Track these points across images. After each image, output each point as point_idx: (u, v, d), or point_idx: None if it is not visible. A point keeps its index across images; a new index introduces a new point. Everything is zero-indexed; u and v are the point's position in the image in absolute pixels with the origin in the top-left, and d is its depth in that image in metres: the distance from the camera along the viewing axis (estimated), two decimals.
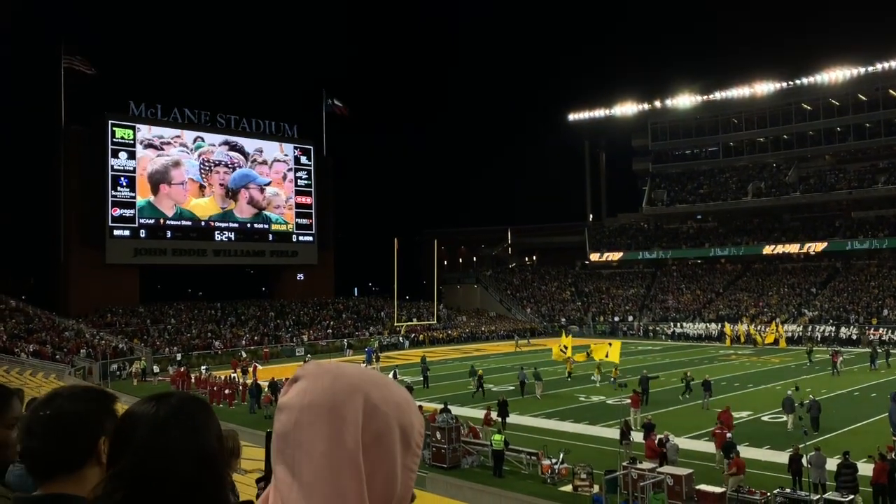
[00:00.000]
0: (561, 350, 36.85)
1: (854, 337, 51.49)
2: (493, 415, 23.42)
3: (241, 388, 31.93)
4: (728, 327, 55.89)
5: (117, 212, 55.54)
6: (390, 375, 23.27)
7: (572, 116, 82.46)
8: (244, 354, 46.90)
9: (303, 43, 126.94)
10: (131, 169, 56.57)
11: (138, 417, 1.28)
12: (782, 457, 18.23)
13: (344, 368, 0.96)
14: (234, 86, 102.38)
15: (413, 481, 0.99)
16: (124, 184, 56.14)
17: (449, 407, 22.62)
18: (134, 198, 56.47)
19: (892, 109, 67.03)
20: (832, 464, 16.30)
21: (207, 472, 1.26)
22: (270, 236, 64.61)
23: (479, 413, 24.42)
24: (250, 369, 38.04)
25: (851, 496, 14.72)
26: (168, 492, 1.22)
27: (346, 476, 0.89)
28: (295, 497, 0.88)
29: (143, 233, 56.79)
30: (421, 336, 59.88)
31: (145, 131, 57.43)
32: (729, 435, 18.86)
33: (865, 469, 15.80)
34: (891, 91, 66.90)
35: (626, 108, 79.21)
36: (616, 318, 67.52)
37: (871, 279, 61.91)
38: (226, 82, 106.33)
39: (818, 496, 15.10)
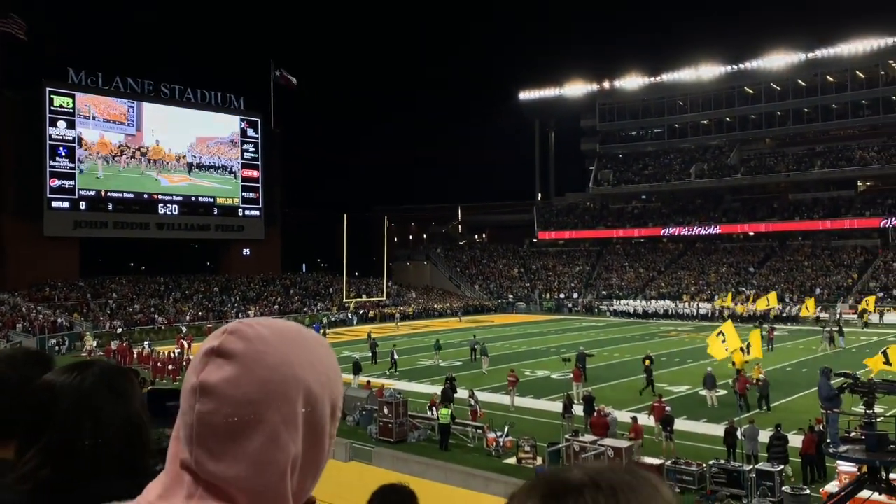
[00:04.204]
0: (745, 358, 22.07)
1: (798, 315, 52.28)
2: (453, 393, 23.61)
3: (184, 363, 31.53)
4: (718, 301, 55.99)
5: (56, 183, 53.75)
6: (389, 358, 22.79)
7: (523, 95, 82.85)
8: (184, 329, 45.89)
9: (251, 12, 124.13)
10: (70, 139, 54.70)
11: (60, 388, 1.23)
12: (718, 430, 18.92)
13: (278, 349, 0.91)
14: (179, 55, 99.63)
15: (333, 445, 0.98)
16: (63, 154, 54.28)
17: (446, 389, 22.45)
18: (73, 168, 54.69)
19: (829, 95, 69.13)
20: (765, 436, 17.03)
21: (135, 439, 1.25)
22: (216, 210, 63.42)
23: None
24: (185, 343, 36.97)
25: (781, 466, 15.42)
26: (97, 462, 1.19)
27: (278, 473, 0.88)
28: (232, 479, 0.86)
29: (83, 205, 55.13)
30: (371, 313, 59.77)
31: (87, 100, 55.55)
32: (668, 409, 19.48)
33: (796, 441, 16.53)
34: (828, 77, 68.96)
35: (576, 89, 79.93)
36: (561, 296, 68.59)
37: (805, 259, 64.20)
38: (170, 51, 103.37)
39: (750, 467, 15.76)
